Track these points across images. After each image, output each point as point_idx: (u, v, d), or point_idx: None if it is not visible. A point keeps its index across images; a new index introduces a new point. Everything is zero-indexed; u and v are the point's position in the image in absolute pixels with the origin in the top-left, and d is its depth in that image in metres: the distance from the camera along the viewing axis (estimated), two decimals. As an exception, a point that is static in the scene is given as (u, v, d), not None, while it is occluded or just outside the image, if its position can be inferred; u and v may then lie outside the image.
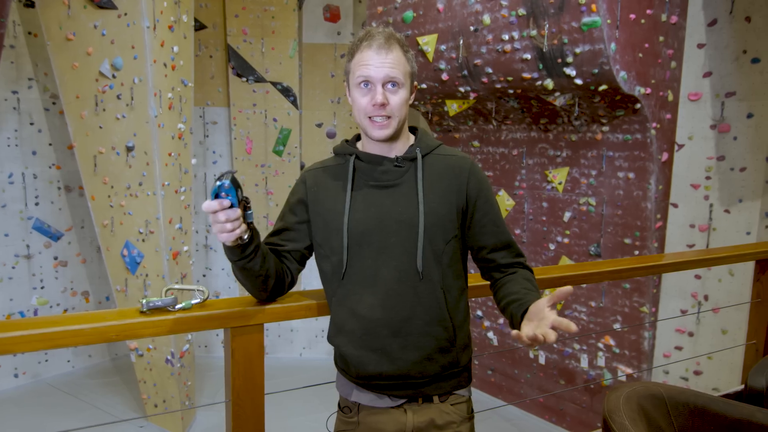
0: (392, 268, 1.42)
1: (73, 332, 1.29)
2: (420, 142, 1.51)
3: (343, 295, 1.47)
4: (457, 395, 1.53)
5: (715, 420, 1.72)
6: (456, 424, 1.50)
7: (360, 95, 1.42)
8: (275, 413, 2.44)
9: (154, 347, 4.23)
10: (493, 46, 3.74)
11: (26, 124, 4.93)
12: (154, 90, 3.93)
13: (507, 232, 1.56)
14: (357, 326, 1.45)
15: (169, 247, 4.15)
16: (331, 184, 1.51)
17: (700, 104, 3.66)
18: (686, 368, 3.80)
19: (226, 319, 1.47)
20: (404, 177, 1.46)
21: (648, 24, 3.45)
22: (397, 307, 1.42)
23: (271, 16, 5.33)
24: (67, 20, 4.00)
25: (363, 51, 1.41)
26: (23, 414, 4.49)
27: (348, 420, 1.53)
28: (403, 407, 1.49)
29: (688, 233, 3.74)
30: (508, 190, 4.49)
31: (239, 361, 1.48)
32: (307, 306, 1.57)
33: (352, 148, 1.52)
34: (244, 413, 1.50)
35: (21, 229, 4.95)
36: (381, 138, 1.44)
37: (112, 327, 1.34)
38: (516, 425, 4.37)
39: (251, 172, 5.60)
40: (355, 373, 1.48)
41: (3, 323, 1.26)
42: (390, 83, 1.40)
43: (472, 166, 1.51)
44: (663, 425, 1.74)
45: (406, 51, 1.45)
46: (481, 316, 4.84)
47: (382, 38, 1.40)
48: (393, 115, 1.42)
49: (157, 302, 1.40)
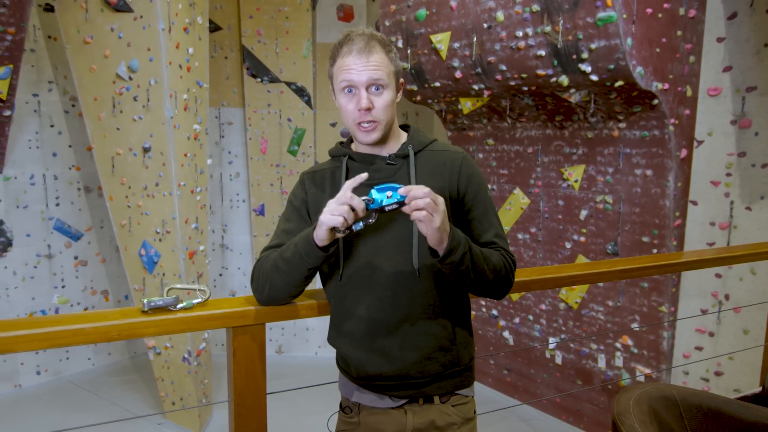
0: (388, 268, 1.41)
1: (75, 331, 1.30)
2: (412, 139, 1.50)
3: (342, 296, 1.46)
4: (460, 395, 1.51)
5: (729, 423, 1.67)
6: (457, 425, 1.48)
7: (345, 101, 1.41)
8: (280, 412, 2.44)
9: (172, 345, 4.27)
10: (506, 43, 3.70)
11: (47, 127, 5.01)
12: (170, 91, 3.97)
13: (494, 229, 1.49)
14: (356, 327, 1.44)
15: (186, 247, 4.19)
16: (327, 186, 1.51)
17: (719, 99, 3.58)
18: (707, 369, 3.73)
19: (227, 319, 1.48)
20: (397, 175, 1.45)
21: (665, 18, 3.39)
22: (394, 307, 1.41)
23: (285, 16, 5.35)
24: (84, 24, 4.06)
25: (344, 56, 1.40)
26: (45, 410, 4.57)
27: (348, 420, 1.52)
28: (403, 408, 1.48)
29: (708, 231, 3.67)
30: (524, 189, 4.45)
31: (240, 361, 1.48)
32: (309, 306, 1.57)
33: (346, 149, 1.52)
34: (246, 413, 1.50)
35: (42, 229, 5.04)
36: (369, 142, 1.44)
37: (114, 326, 1.34)
38: (532, 425, 4.33)
39: (266, 172, 5.62)
40: (356, 373, 1.47)
41: (4, 322, 1.28)
42: (374, 86, 1.39)
43: (464, 159, 1.49)
44: (675, 428, 1.70)
45: (389, 51, 1.43)
46: (497, 316, 4.81)
47: (362, 41, 1.38)
48: (379, 119, 1.41)
49: (158, 302, 1.41)
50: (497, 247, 1.46)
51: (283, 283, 1.44)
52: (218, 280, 5.87)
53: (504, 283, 1.44)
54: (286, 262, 1.41)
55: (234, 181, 5.78)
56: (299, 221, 1.52)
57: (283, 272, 1.42)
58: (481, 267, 1.36)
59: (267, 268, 1.45)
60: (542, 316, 4.45)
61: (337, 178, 1.50)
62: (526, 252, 4.52)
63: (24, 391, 4.92)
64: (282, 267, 1.42)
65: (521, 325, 4.62)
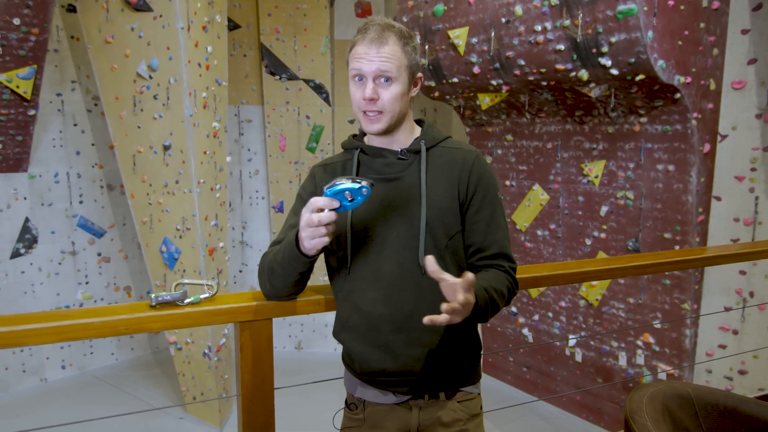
0: (394, 263, 1.40)
1: (84, 325, 1.31)
2: (425, 135, 1.48)
3: (348, 291, 1.46)
4: (465, 392, 1.50)
5: (746, 422, 1.63)
6: (462, 421, 1.47)
7: (354, 89, 1.40)
8: (290, 407, 2.45)
9: (193, 341, 4.32)
10: (525, 38, 3.66)
11: (70, 125, 5.10)
12: (189, 90, 4.01)
13: (501, 238, 1.44)
14: (360, 322, 1.43)
15: (205, 244, 4.23)
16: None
17: (744, 93, 3.49)
18: (730, 367, 3.65)
19: (235, 314, 1.48)
20: (408, 170, 1.43)
21: (687, 10, 3.31)
22: (399, 303, 1.40)
23: (303, 13, 5.36)
24: (105, 23, 4.12)
25: (358, 44, 1.38)
26: (70, 403, 4.66)
27: (354, 417, 1.52)
28: (408, 404, 1.47)
29: (732, 227, 3.58)
30: (543, 185, 4.40)
31: (247, 356, 1.49)
32: (316, 301, 1.57)
33: (358, 142, 1.51)
34: (254, 407, 1.51)
35: (66, 226, 5.13)
36: (373, 132, 1.42)
37: (122, 321, 1.36)
38: (552, 423, 4.28)
39: (285, 169, 5.65)
40: (360, 368, 1.46)
41: (16, 317, 1.30)
42: (382, 77, 1.37)
43: (477, 159, 1.45)
44: (690, 426, 1.67)
45: (406, 43, 1.39)
46: (516, 313, 4.77)
47: (375, 31, 1.36)
48: (384, 110, 1.39)
49: (166, 296, 1.42)
50: (502, 256, 1.44)
51: (280, 284, 1.47)
52: (238, 277, 5.92)
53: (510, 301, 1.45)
54: (279, 265, 1.42)
55: (253, 178, 5.82)
56: None
57: (278, 275, 1.45)
58: (496, 306, 1.36)
59: (266, 267, 1.47)
60: (562, 313, 4.40)
61: (348, 171, 1.49)
62: (545, 248, 4.47)
63: (50, 384, 5.03)
64: (277, 270, 1.44)
65: (541, 322, 4.58)
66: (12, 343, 1.25)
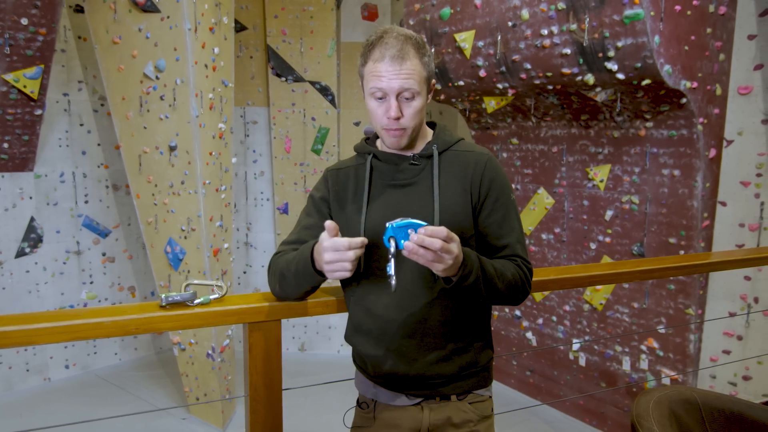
0: (407, 269, 1.40)
1: (94, 325, 1.32)
2: (437, 139, 1.48)
3: (361, 295, 1.46)
4: (476, 394, 1.50)
5: (752, 427, 1.63)
6: (473, 422, 1.47)
7: (375, 105, 1.39)
8: (297, 408, 2.45)
9: (196, 342, 4.33)
10: (531, 42, 3.66)
11: (76, 125, 5.12)
12: (196, 91, 4.02)
13: (513, 241, 1.44)
14: (373, 326, 1.44)
15: (210, 244, 4.23)
16: (351, 184, 1.50)
17: (750, 98, 3.49)
18: (735, 373, 3.64)
19: (244, 315, 1.49)
20: (421, 175, 1.44)
21: (694, 15, 3.31)
22: (412, 308, 1.40)
23: (310, 16, 5.37)
24: (113, 24, 4.14)
25: (376, 61, 1.35)
26: (73, 403, 4.67)
27: (365, 415, 1.53)
28: (420, 405, 1.47)
29: (738, 232, 3.58)
30: (548, 188, 4.40)
31: (256, 357, 1.49)
32: (325, 302, 1.57)
33: (371, 147, 1.51)
34: (262, 408, 1.51)
35: (71, 226, 5.15)
36: (396, 147, 1.44)
37: (132, 320, 1.37)
38: (556, 427, 4.28)
39: (290, 171, 5.66)
40: (373, 371, 1.47)
41: (26, 316, 1.31)
42: (404, 94, 1.35)
43: (489, 161, 1.45)
44: (697, 431, 1.67)
45: (423, 54, 1.38)
46: (520, 316, 4.76)
47: (396, 47, 1.33)
48: (408, 127, 1.39)
49: (176, 297, 1.43)
50: (514, 256, 1.43)
51: (290, 290, 1.48)
52: (242, 278, 5.93)
53: (519, 294, 1.42)
54: (292, 275, 1.43)
55: (258, 179, 5.83)
56: (319, 217, 1.52)
57: (290, 284, 1.45)
58: (494, 285, 1.34)
59: (277, 270, 1.47)
60: (566, 317, 4.39)
61: (361, 177, 1.49)
62: (550, 252, 4.47)
63: (53, 384, 5.03)
64: (289, 278, 1.44)
65: (545, 326, 4.57)
66: (22, 342, 1.26)
